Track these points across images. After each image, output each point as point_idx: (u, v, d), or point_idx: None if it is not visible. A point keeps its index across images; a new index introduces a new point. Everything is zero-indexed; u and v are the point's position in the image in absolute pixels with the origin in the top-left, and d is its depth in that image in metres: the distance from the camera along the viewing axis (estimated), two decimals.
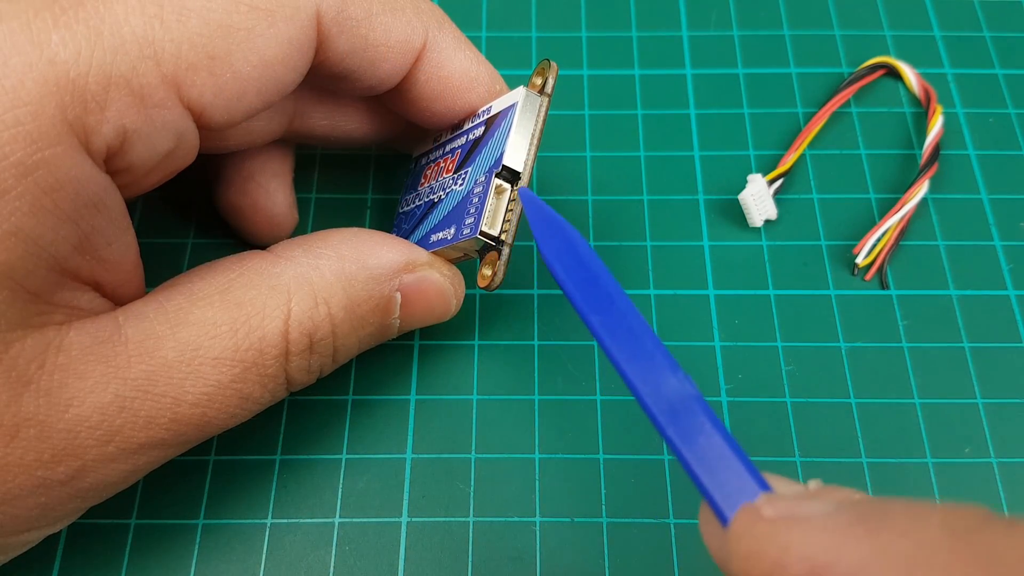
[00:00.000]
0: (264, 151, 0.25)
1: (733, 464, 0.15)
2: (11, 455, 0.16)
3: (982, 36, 0.31)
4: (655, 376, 0.16)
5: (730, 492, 0.15)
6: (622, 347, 0.16)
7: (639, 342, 0.16)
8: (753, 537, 0.13)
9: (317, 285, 0.20)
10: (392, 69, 0.21)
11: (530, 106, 0.21)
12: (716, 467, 0.15)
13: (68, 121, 0.16)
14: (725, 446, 0.15)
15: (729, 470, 0.15)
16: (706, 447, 0.15)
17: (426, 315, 0.23)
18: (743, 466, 0.15)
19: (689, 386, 0.16)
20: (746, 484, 0.15)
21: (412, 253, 0.22)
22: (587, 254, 0.18)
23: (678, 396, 0.15)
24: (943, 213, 0.28)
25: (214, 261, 0.20)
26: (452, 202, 0.22)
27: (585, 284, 0.17)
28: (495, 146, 0.21)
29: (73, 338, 0.17)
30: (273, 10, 0.18)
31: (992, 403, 0.25)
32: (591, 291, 0.17)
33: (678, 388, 0.16)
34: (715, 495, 0.15)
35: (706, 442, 0.15)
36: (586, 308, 0.17)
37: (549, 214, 0.18)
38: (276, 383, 0.20)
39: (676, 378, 0.16)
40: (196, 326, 0.18)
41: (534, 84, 0.22)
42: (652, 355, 0.16)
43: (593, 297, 0.17)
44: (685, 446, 0.15)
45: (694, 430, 0.15)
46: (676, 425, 0.15)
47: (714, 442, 0.15)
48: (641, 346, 0.16)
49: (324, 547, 0.23)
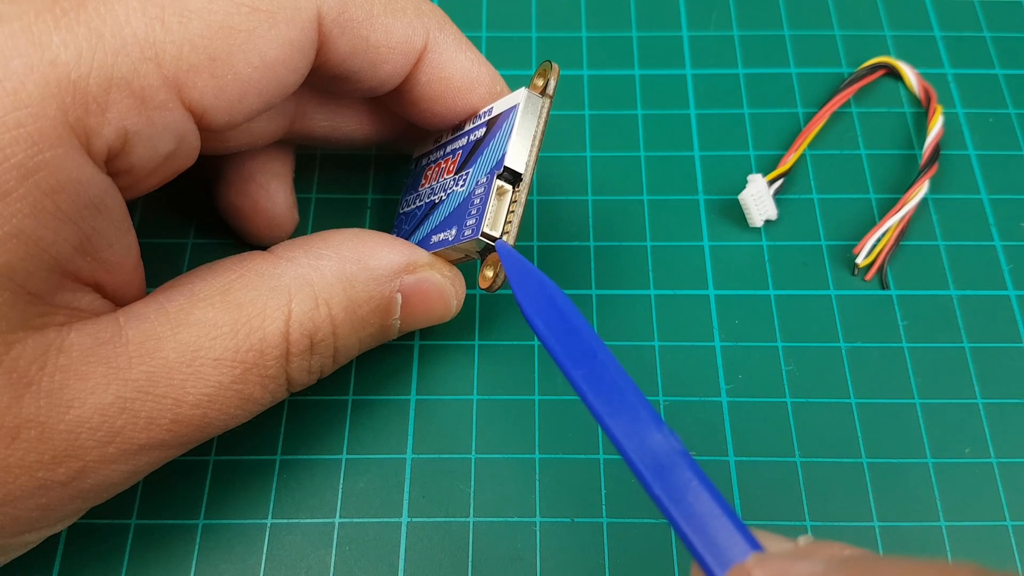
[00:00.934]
0: (264, 152, 0.25)
1: (723, 523, 0.15)
2: (12, 456, 0.16)
3: (982, 36, 0.31)
4: (640, 431, 0.16)
5: (720, 552, 0.14)
6: (605, 402, 0.16)
7: (622, 397, 0.16)
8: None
9: (318, 286, 0.20)
10: (393, 70, 0.21)
11: (532, 107, 0.21)
12: (705, 526, 0.15)
13: (69, 123, 0.16)
14: (714, 504, 0.15)
15: (719, 529, 0.14)
16: (695, 505, 0.15)
17: (426, 316, 0.23)
18: (732, 524, 0.15)
19: (675, 442, 0.15)
20: (736, 543, 0.14)
21: (413, 254, 0.22)
22: (567, 308, 0.17)
23: (664, 452, 0.15)
24: (943, 213, 0.28)
25: (215, 262, 0.20)
26: (453, 203, 0.22)
27: (566, 339, 0.17)
28: (497, 147, 0.21)
29: (74, 339, 0.17)
30: (274, 12, 0.18)
31: (992, 403, 0.25)
32: (573, 345, 0.17)
33: (663, 444, 0.15)
34: (705, 556, 0.14)
35: (695, 500, 0.15)
36: (568, 364, 0.17)
37: (527, 268, 0.19)
38: (277, 384, 0.20)
39: (661, 433, 0.15)
40: (197, 327, 0.18)
41: (536, 85, 0.22)
42: (636, 410, 0.16)
43: (575, 352, 0.17)
44: (673, 505, 0.15)
45: (682, 488, 0.15)
46: (663, 483, 0.15)
47: (702, 500, 0.15)
48: (625, 401, 0.16)
49: (324, 547, 0.23)
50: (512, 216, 0.21)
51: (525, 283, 0.18)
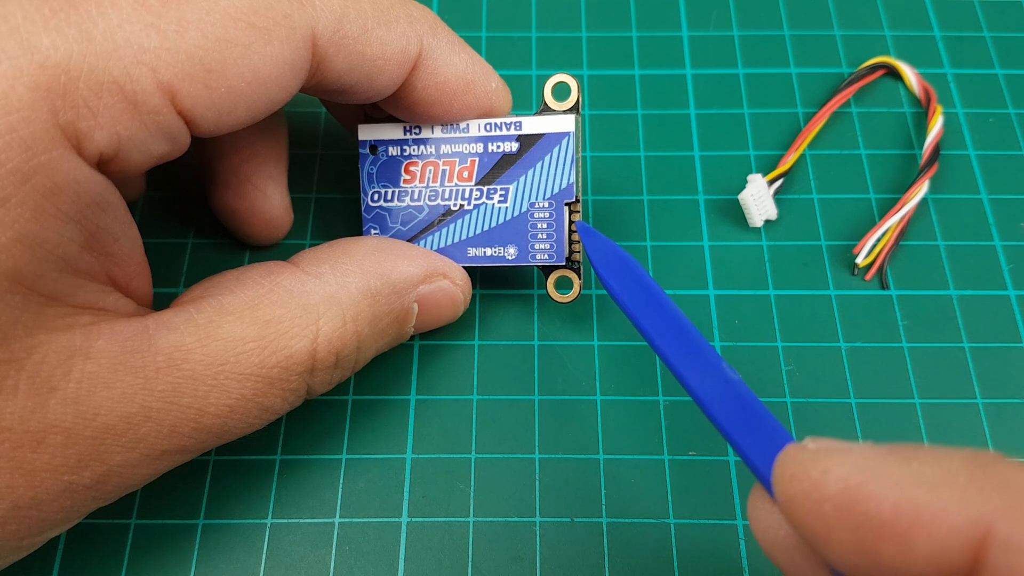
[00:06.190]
0: (260, 155, 0.25)
1: (775, 426, 0.17)
2: (38, 460, 0.16)
3: (982, 36, 0.31)
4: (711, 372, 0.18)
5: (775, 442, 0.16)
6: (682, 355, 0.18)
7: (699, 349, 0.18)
8: (798, 462, 0.15)
9: (345, 304, 0.20)
10: (389, 80, 0.21)
11: (576, 134, 0.23)
12: (757, 431, 0.17)
13: (60, 125, 0.16)
14: (778, 425, 0.17)
15: (777, 437, 0.16)
16: (752, 418, 0.17)
17: (437, 321, 0.24)
18: (783, 430, 0.17)
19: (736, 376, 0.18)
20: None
21: (431, 264, 0.23)
22: (646, 279, 0.20)
23: (732, 383, 0.18)
24: (943, 213, 0.28)
25: (242, 270, 0.21)
26: (494, 218, 0.24)
27: (649, 310, 0.19)
28: (555, 175, 0.23)
29: (102, 346, 0.17)
30: (270, 29, 0.18)
31: (992, 403, 0.25)
32: (657, 316, 0.19)
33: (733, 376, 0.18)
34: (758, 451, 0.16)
35: (752, 412, 0.17)
36: (652, 329, 0.19)
37: (610, 247, 0.21)
38: (296, 395, 0.20)
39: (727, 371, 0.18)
40: (224, 341, 0.18)
41: (555, 103, 0.23)
42: (706, 355, 0.18)
43: (660, 321, 0.19)
44: (728, 421, 0.17)
45: (734, 398, 0.17)
46: (729, 411, 0.17)
47: (763, 414, 0.17)
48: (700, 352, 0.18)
49: (324, 547, 0.23)
50: (576, 235, 0.24)
51: (603, 255, 0.21)
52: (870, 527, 0.13)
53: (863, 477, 0.13)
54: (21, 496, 0.16)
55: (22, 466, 0.16)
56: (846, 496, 0.13)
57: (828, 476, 0.14)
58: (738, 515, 0.23)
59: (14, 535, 0.17)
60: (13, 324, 0.16)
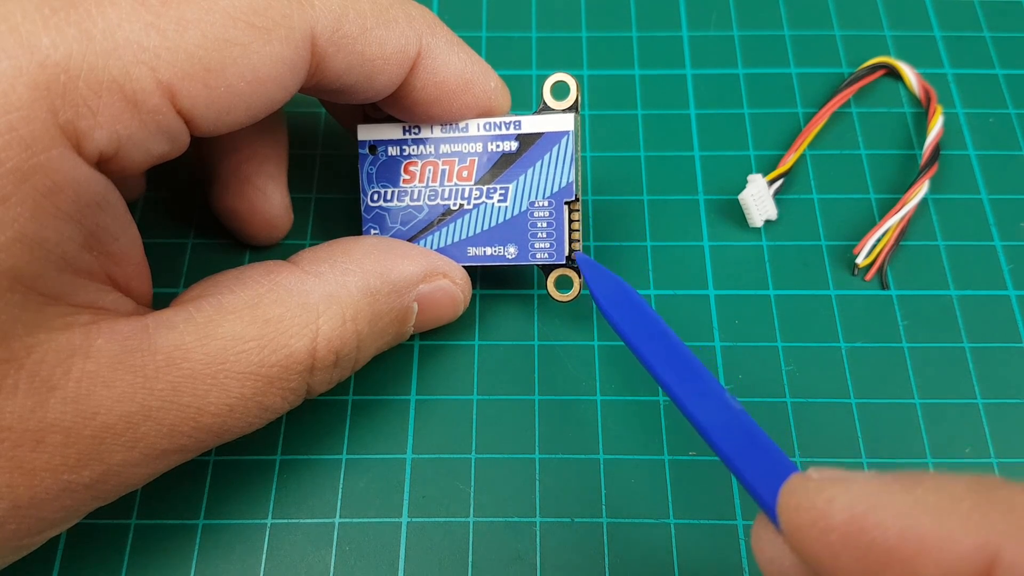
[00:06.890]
0: (259, 155, 0.25)
1: (777, 455, 0.17)
2: (37, 460, 0.16)
3: (982, 36, 0.31)
4: (710, 398, 0.18)
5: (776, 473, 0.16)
6: (677, 375, 0.18)
7: (692, 369, 0.18)
8: (803, 492, 0.15)
9: (345, 303, 0.20)
10: (388, 80, 0.21)
11: (576, 133, 0.23)
12: (760, 460, 0.17)
13: (60, 124, 0.16)
14: (770, 445, 0.17)
15: (780, 467, 0.17)
16: (757, 450, 0.17)
17: (437, 320, 0.24)
18: (784, 457, 0.17)
19: (736, 404, 0.18)
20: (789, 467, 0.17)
21: (430, 263, 0.23)
22: (641, 303, 0.20)
23: (733, 411, 0.18)
24: (943, 213, 0.28)
25: (241, 269, 0.21)
26: (493, 218, 0.24)
27: (652, 340, 0.19)
28: (554, 173, 0.23)
29: (102, 345, 0.17)
30: (270, 28, 0.18)
31: (992, 403, 0.25)
32: (646, 331, 0.19)
33: (733, 405, 0.18)
34: (761, 480, 0.16)
35: (756, 443, 0.17)
36: (643, 346, 0.19)
37: (605, 274, 0.22)
38: (296, 395, 0.20)
39: (728, 399, 0.18)
40: (224, 340, 0.18)
41: (554, 103, 0.23)
42: (704, 380, 0.18)
43: (649, 335, 0.19)
44: (728, 444, 0.17)
45: (738, 431, 0.17)
46: (728, 435, 0.17)
47: (766, 444, 0.17)
48: (694, 372, 0.18)
49: (324, 547, 0.23)
50: (576, 234, 0.24)
51: (604, 286, 0.21)
52: (877, 555, 0.13)
53: (868, 505, 0.13)
54: (20, 495, 0.16)
55: (21, 465, 0.16)
56: (852, 525, 0.13)
57: (833, 505, 0.14)
58: (738, 515, 0.23)
59: (14, 535, 0.17)
60: (13, 323, 0.16)
